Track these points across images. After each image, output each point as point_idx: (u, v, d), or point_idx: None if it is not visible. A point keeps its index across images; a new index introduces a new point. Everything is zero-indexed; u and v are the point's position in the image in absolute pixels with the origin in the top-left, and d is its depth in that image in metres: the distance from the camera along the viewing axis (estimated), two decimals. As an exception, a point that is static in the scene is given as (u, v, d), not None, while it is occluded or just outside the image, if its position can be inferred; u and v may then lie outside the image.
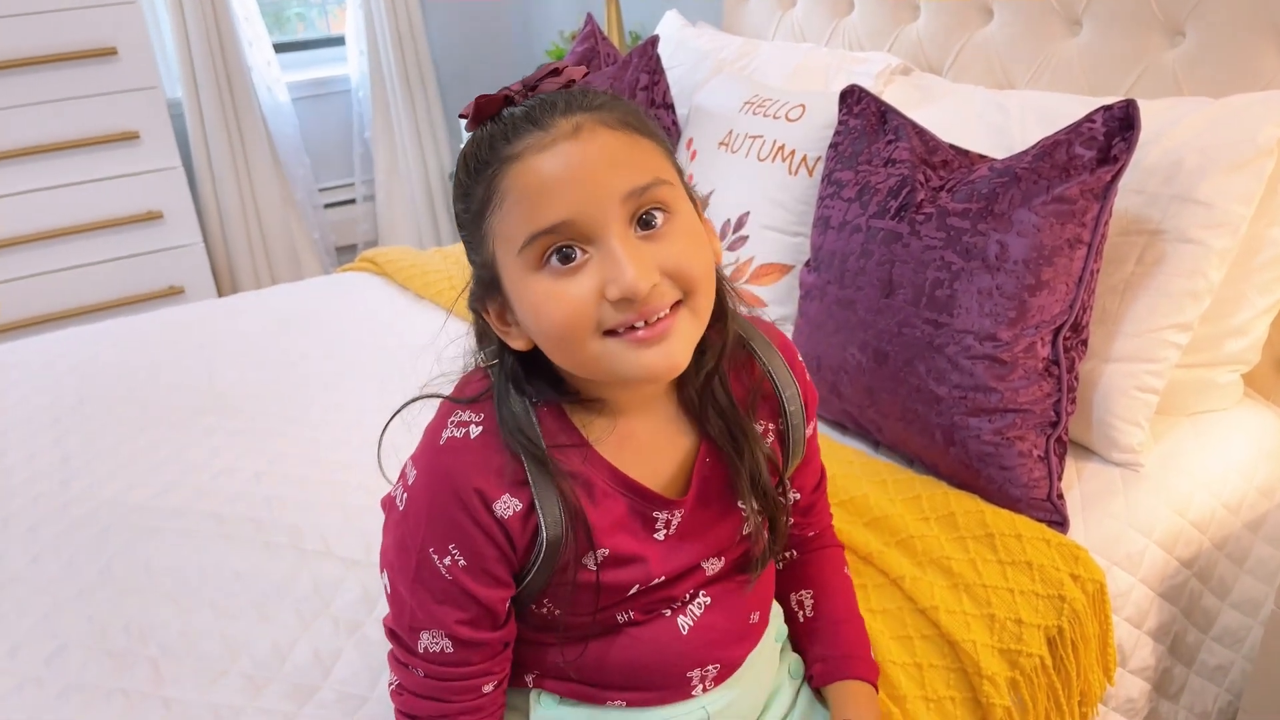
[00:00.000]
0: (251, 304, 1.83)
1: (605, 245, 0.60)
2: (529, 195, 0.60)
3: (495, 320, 0.68)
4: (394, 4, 2.98)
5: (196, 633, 0.99)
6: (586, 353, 0.62)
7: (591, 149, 0.61)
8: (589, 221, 0.60)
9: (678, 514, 0.73)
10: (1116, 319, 1.15)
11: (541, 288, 0.62)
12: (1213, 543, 1.17)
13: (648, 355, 0.62)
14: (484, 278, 0.67)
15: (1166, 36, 1.32)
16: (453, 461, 0.67)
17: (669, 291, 0.62)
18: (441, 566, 0.67)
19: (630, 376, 0.63)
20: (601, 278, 0.61)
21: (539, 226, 0.60)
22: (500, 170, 0.61)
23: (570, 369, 0.67)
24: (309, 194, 3.12)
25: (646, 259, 0.61)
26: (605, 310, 0.61)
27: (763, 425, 0.77)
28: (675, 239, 0.63)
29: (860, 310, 1.17)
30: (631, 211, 0.61)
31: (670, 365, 0.63)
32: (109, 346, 1.65)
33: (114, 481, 1.24)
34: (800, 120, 1.45)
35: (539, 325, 0.63)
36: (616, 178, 0.61)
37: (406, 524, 0.68)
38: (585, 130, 0.61)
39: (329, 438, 1.33)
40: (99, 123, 2.45)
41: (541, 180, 0.60)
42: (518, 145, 0.61)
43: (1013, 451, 1.07)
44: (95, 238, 2.54)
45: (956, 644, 0.96)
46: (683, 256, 0.63)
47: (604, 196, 0.60)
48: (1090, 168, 1.03)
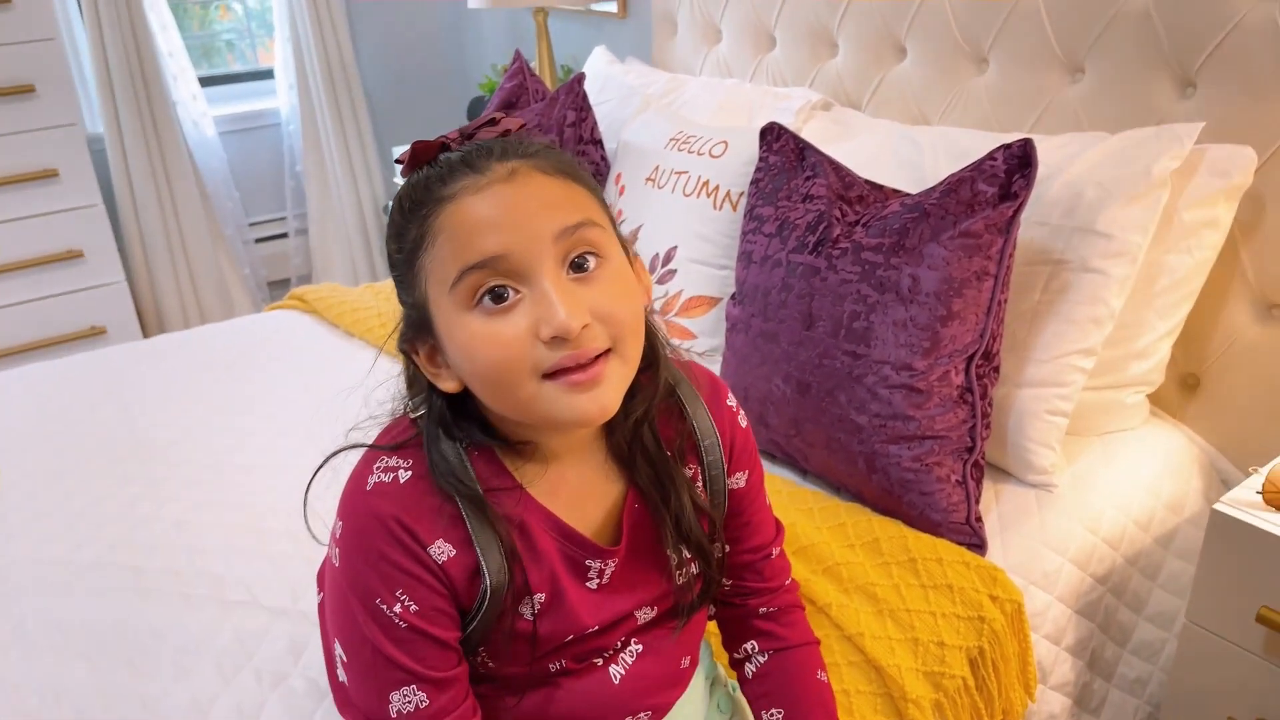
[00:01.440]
0: (175, 345, 1.79)
1: (537, 285, 0.61)
2: (461, 233, 0.61)
3: (425, 362, 0.67)
4: (323, 37, 2.96)
5: (113, 693, 0.96)
6: (522, 395, 0.62)
7: (525, 191, 0.62)
8: (521, 259, 0.61)
9: (611, 563, 0.73)
10: (1026, 346, 1.19)
11: (474, 328, 0.62)
12: (1125, 559, 1.21)
13: (580, 400, 0.62)
14: (415, 318, 0.66)
15: (1067, 74, 1.38)
16: (380, 505, 0.65)
17: (600, 335, 0.62)
18: (394, 616, 0.65)
19: (563, 420, 0.63)
20: (534, 317, 0.61)
21: (470, 261, 0.61)
22: (434, 210, 0.62)
23: (502, 411, 0.66)
24: (239, 229, 3.07)
25: (578, 300, 0.61)
26: (540, 351, 0.61)
27: (692, 470, 0.77)
28: (606, 284, 0.64)
29: (783, 342, 1.19)
30: (563, 253, 0.62)
31: (601, 410, 0.63)
32: (24, 391, 1.60)
33: (27, 537, 1.20)
34: (723, 156, 1.49)
35: (472, 366, 0.63)
36: (548, 218, 0.62)
37: (348, 580, 0.66)
38: (520, 175, 0.63)
39: (255, 483, 1.31)
40: (17, 160, 2.39)
41: (475, 218, 0.61)
42: (453, 187, 0.62)
43: (931, 477, 1.10)
44: (13, 278, 2.46)
45: (882, 669, 0.98)
46: (613, 302, 0.63)
47: (536, 235, 0.61)
48: (993, 203, 1.07)
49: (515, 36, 2.97)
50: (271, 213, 3.21)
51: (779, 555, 0.86)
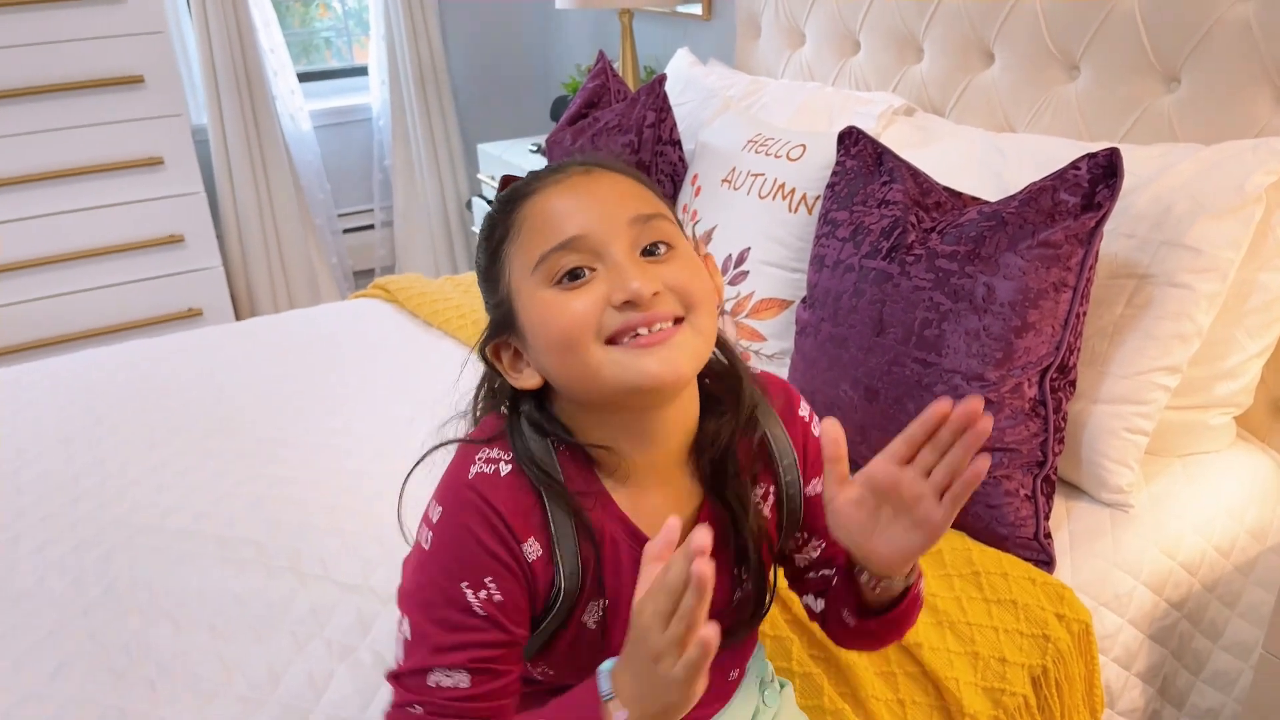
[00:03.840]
0: (265, 328, 1.87)
1: (611, 259, 0.64)
2: (543, 219, 0.66)
3: (507, 367, 0.70)
4: (415, 36, 3.04)
5: (193, 653, 1.01)
6: (589, 360, 0.64)
7: (602, 183, 0.68)
8: (597, 238, 0.65)
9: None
10: (1105, 361, 1.16)
11: (549, 299, 0.65)
12: (1203, 585, 1.17)
13: (649, 361, 0.63)
14: (498, 316, 0.69)
15: (1162, 83, 1.34)
16: (486, 495, 0.66)
17: (672, 303, 0.65)
18: (475, 601, 0.65)
19: (632, 383, 0.64)
20: (608, 287, 0.64)
21: (551, 243, 0.65)
22: (518, 205, 0.68)
23: (575, 385, 0.66)
24: (328, 220, 3.18)
25: (651, 273, 0.65)
26: (609, 315, 0.64)
27: (763, 489, 0.76)
28: (679, 264, 0.67)
29: (852, 348, 1.19)
30: (637, 238, 0.66)
31: (674, 372, 0.64)
32: (124, 367, 1.69)
33: (121, 502, 1.27)
34: (801, 159, 1.48)
35: (544, 335, 0.65)
36: (624, 205, 0.66)
37: (437, 561, 0.66)
38: (597, 171, 0.69)
39: (332, 463, 1.36)
40: (125, 148, 2.52)
41: (556, 206, 0.66)
42: (535, 185, 0.69)
43: (999, 490, 1.08)
44: (118, 260, 2.60)
45: (940, 681, 0.97)
46: (686, 276, 0.66)
47: (612, 218, 0.65)
48: (1075, 214, 1.05)
49: (600, 37, 3.00)
50: (359, 205, 3.32)
51: None
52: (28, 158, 2.43)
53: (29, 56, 2.35)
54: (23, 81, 2.36)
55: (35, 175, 2.43)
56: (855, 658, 0.98)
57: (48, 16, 2.34)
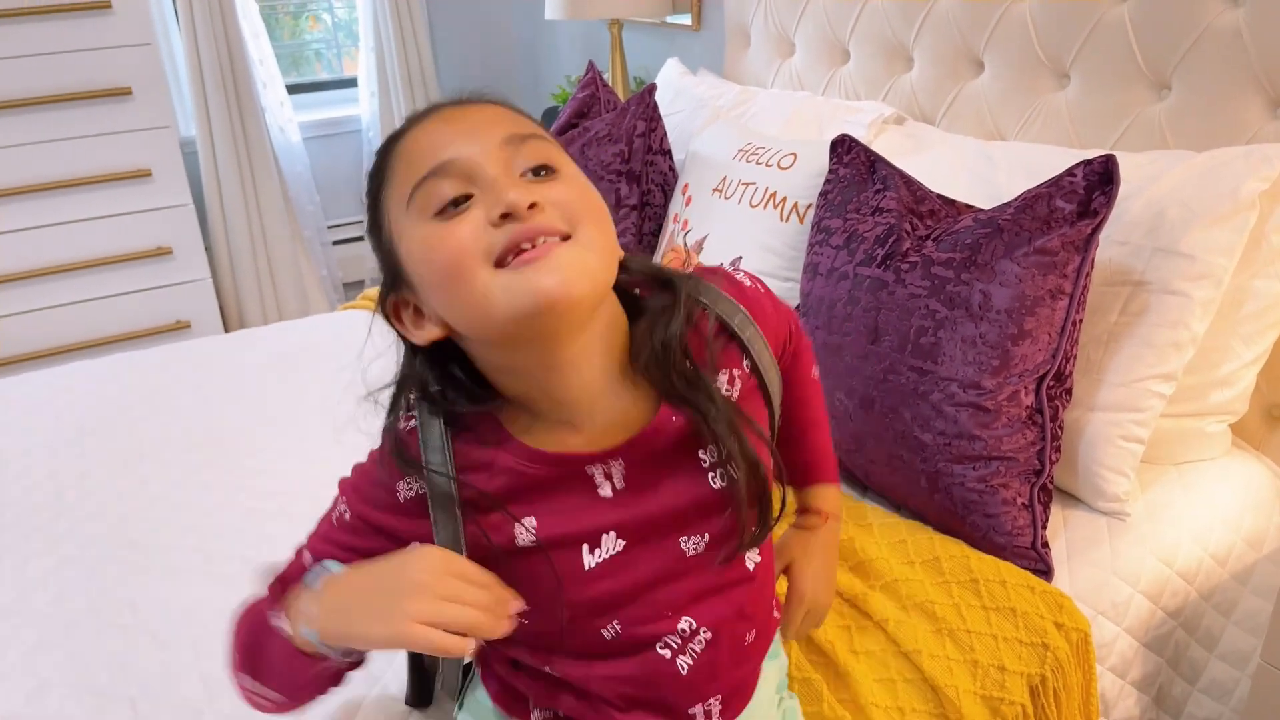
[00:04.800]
0: (254, 340, 1.85)
1: (486, 178, 0.61)
2: (414, 153, 0.63)
3: (409, 325, 0.67)
4: (405, 47, 3.04)
5: (176, 672, 0.99)
6: (477, 286, 0.59)
7: (472, 111, 0.65)
8: (470, 161, 0.61)
9: (616, 464, 0.68)
10: (1101, 368, 1.16)
11: (429, 231, 0.61)
12: (1200, 593, 1.17)
13: (539, 276, 0.58)
14: (387, 268, 0.67)
15: (1153, 90, 1.34)
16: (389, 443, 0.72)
17: (555, 218, 0.61)
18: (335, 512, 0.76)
19: (527, 305, 0.58)
20: (486, 208, 0.60)
21: (421, 172, 0.62)
22: (391, 148, 0.65)
23: (472, 322, 0.62)
24: (318, 231, 3.17)
25: (530, 188, 0.61)
26: (490, 234, 0.60)
27: (727, 374, 0.71)
28: (563, 183, 0.63)
29: (847, 356, 1.18)
30: (511, 158, 0.62)
31: (564, 287, 0.58)
32: (112, 381, 1.67)
33: (105, 517, 1.25)
34: (792, 168, 1.48)
35: (429, 270, 0.62)
36: (497, 126, 0.63)
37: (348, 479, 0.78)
38: (467, 102, 0.66)
39: (324, 475, 1.34)
40: (113, 160, 2.51)
41: (425, 138, 0.63)
42: (408, 124, 0.66)
43: (996, 499, 1.07)
44: (106, 272, 2.58)
45: (939, 689, 0.96)
46: (569, 192, 0.63)
47: (484, 138, 0.62)
48: (1071, 220, 1.04)
49: (590, 48, 3.00)
50: (349, 216, 3.30)
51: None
52: (15, 170, 2.41)
53: (16, 68, 2.34)
54: (10, 93, 2.35)
55: (23, 188, 2.41)
56: (854, 664, 0.97)
57: (35, 28, 2.33)
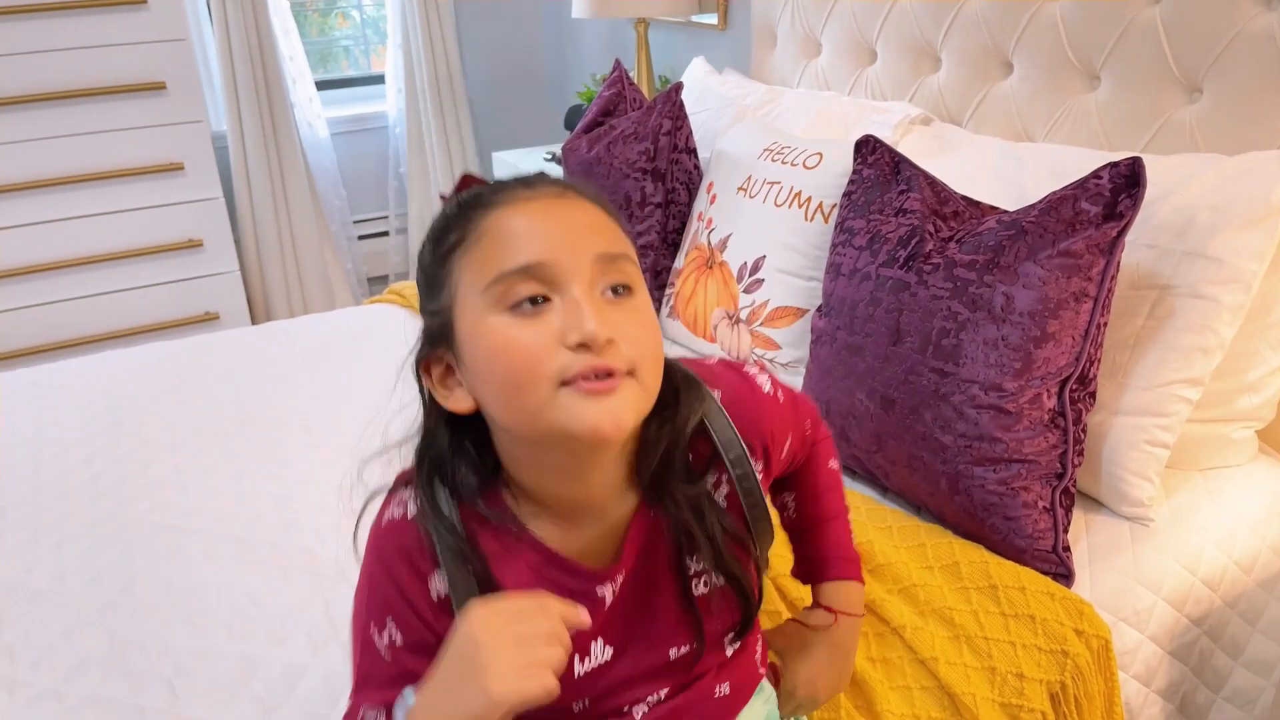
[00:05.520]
0: (282, 333, 1.88)
1: (570, 294, 0.61)
2: (506, 236, 0.62)
3: (436, 383, 0.67)
4: (432, 45, 3.06)
5: (212, 654, 1.02)
6: (538, 400, 0.60)
7: (574, 209, 0.64)
8: (560, 268, 0.61)
9: (615, 582, 0.71)
10: (1126, 372, 1.15)
11: (503, 329, 0.61)
12: (1224, 601, 1.16)
13: (595, 409, 0.60)
14: (434, 326, 0.66)
15: (1184, 93, 1.34)
16: (390, 538, 0.68)
17: (623, 355, 0.61)
18: (381, 643, 0.67)
19: (575, 430, 0.60)
20: (563, 324, 0.60)
21: (512, 265, 0.61)
22: (481, 214, 0.63)
23: (512, 420, 0.63)
24: (344, 226, 3.20)
25: (608, 316, 0.61)
26: (564, 357, 0.60)
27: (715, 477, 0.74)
28: (636, 313, 0.64)
29: (868, 357, 1.18)
30: (599, 275, 0.62)
31: (615, 425, 0.61)
32: (144, 370, 1.70)
33: (140, 502, 1.28)
34: (817, 168, 1.48)
35: (493, 368, 0.61)
36: (594, 239, 0.63)
37: (357, 600, 0.70)
38: (570, 196, 0.65)
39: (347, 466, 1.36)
40: (146, 153, 2.55)
41: (522, 225, 0.62)
42: (506, 194, 0.64)
43: (1017, 502, 1.08)
44: (138, 264, 2.62)
45: (956, 697, 0.96)
46: (640, 329, 0.63)
47: (579, 250, 0.62)
48: (1096, 223, 1.04)
49: (615, 47, 3.01)
50: (375, 211, 3.33)
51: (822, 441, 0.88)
52: (52, 162, 2.45)
53: (54, 62, 2.38)
54: (48, 86, 2.39)
55: (58, 179, 2.46)
56: (871, 672, 0.97)
57: (73, 22, 2.37)
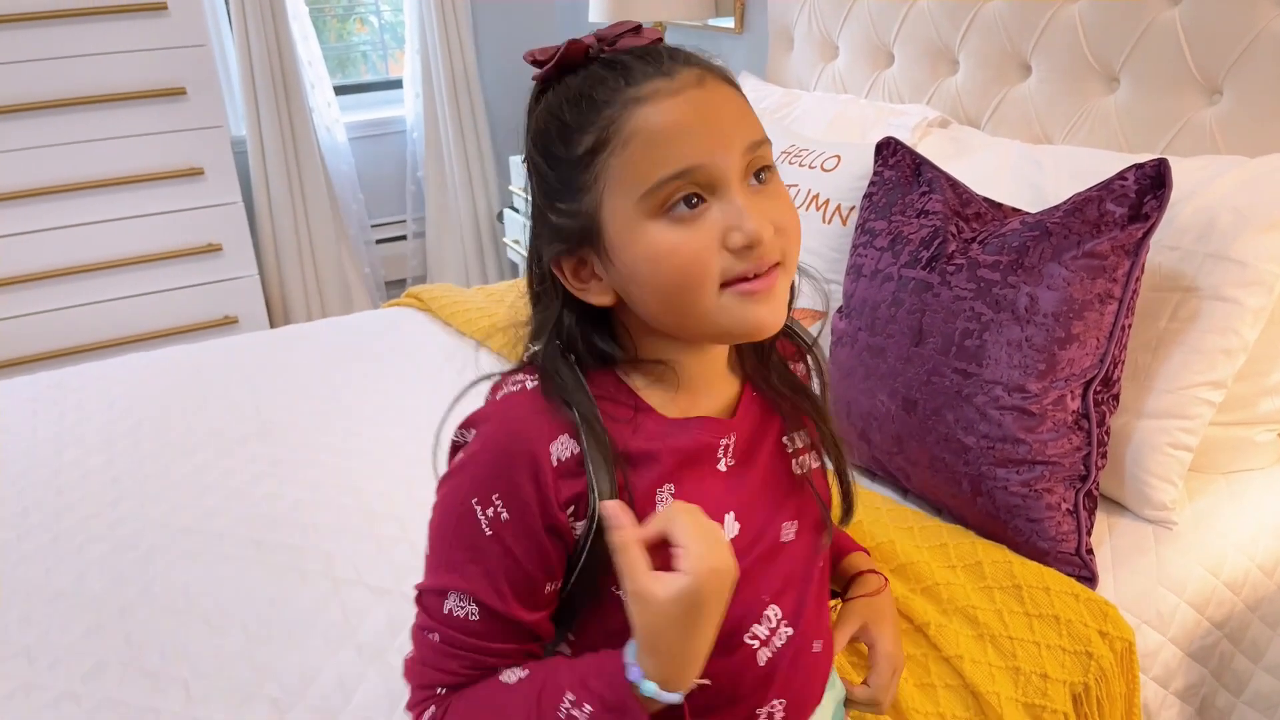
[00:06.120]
0: (300, 336, 1.89)
1: (728, 195, 0.61)
2: (660, 138, 0.60)
3: (570, 277, 0.66)
4: (449, 50, 3.08)
5: (227, 656, 1.02)
6: (703, 305, 0.62)
7: (717, 99, 0.62)
8: (717, 169, 0.60)
9: (731, 437, 0.71)
10: (1149, 374, 1.14)
11: (662, 235, 0.61)
12: (1246, 604, 1.15)
13: (758, 310, 0.62)
14: (575, 227, 0.63)
15: (1204, 95, 1.32)
16: (510, 409, 0.66)
17: (775, 247, 0.62)
18: (484, 519, 0.63)
19: (738, 331, 0.63)
20: (723, 226, 0.61)
21: (671, 170, 0.60)
22: (624, 112, 0.60)
23: (670, 325, 0.65)
24: (361, 230, 3.22)
25: (763, 210, 0.62)
26: (726, 259, 0.61)
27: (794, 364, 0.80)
28: (779, 198, 0.64)
29: (890, 358, 1.17)
30: (747, 166, 0.62)
31: (776, 321, 0.63)
32: (164, 373, 1.72)
33: (160, 504, 1.29)
34: (835, 170, 1.48)
35: (656, 274, 0.61)
36: (741, 130, 0.62)
37: (456, 478, 0.65)
38: (709, 82, 0.62)
39: (366, 468, 1.37)
40: (166, 158, 2.57)
41: (675, 123, 0.60)
42: (644, 88, 0.61)
43: (1041, 504, 1.07)
44: (158, 268, 2.64)
45: (980, 695, 0.96)
46: (786, 214, 0.64)
47: (730, 146, 0.61)
48: (1121, 224, 1.03)
49: (633, 51, 3.01)
50: (392, 215, 3.35)
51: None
52: (73, 167, 2.47)
53: (75, 67, 2.40)
54: (69, 92, 2.41)
55: (80, 184, 2.48)
56: (894, 670, 0.96)
57: (92, 29, 2.40)
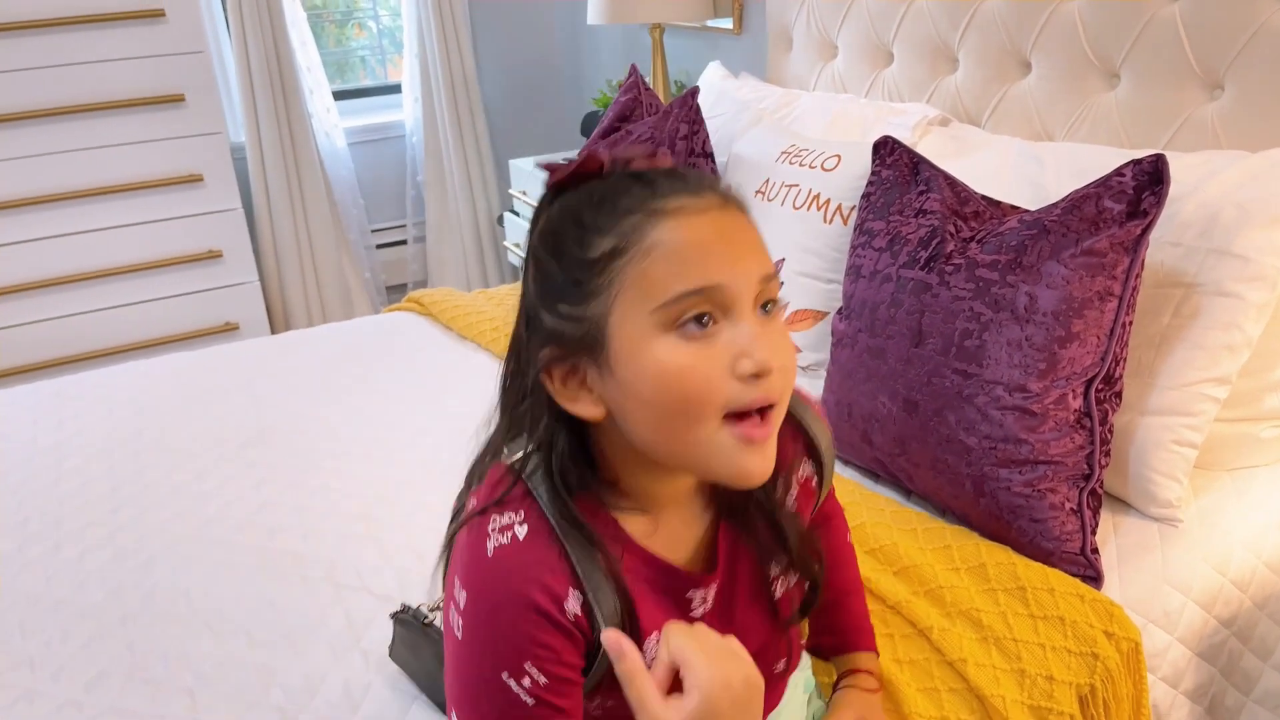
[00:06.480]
0: (301, 342, 1.89)
1: (740, 320, 0.60)
2: (683, 253, 0.59)
3: (558, 385, 0.63)
4: (448, 54, 3.08)
5: (232, 663, 1.02)
6: (700, 433, 0.59)
7: (739, 225, 0.62)
8: (734, 291, 0.59)
9: (710, 590, 0.71)
10: (1153, 372, 1.14)
11: (673, 353, 0.59)
12: (1254, 602, 1.14)
13: (752, 459, 0.60)
14: (575, 333, 0.61)
15: (1205, 90, 1.32)
16: (510, 570, 0.61)
17: (778, 383, 0.61)
18: (521, 691, 0.60)
19: (726, 475, 0.61)
20: (734, 351, 0.59)
21: (691, 285, 0.58)
22: (649, 222, 0.59)
23: (661, 446, 0.62)
24: (362, 235, 3.22)
25: (770, 343, 0.60)
26: (732, 389, 0.59)
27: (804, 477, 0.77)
28: (780, 334, 0.63)
29: (890, 359, 1.17)
30: (758, 294, 0.61)
31: (765, 474, 0.62)
32: (164, 380, 1.71)
33: (161, 511, 1.29)
34: (835, 170, 1.48)
35: (660, 392, 0.59)
36: (758, 258, 0.61)
37: (471, 652, 0.62)
38: (732, 207, 0.62)
39: (368, 474, 1.36)
40: (166, 165, 2.57)
41: (698, 241, 0.59)
42: (670, 202, 0.60)
43: (1044, 504, 1.06)
44: (158, 275, 2.65)
45: (985, 699, 0.95)
46: (787, 353, 0.62)
47: (750, 271, 0.60)
48: (1120, 221, 1.03)
49: (631, 52, 3.01)
50: (392, 220, 3.35)
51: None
52: (72, 175, 2.48)
53: (74, 75, 2.41)
54: (68, 99, 2.42)
55: (79, 192, 2.49)
56: (898, 673, 0.96)
57: (92, 35, 2.40)
